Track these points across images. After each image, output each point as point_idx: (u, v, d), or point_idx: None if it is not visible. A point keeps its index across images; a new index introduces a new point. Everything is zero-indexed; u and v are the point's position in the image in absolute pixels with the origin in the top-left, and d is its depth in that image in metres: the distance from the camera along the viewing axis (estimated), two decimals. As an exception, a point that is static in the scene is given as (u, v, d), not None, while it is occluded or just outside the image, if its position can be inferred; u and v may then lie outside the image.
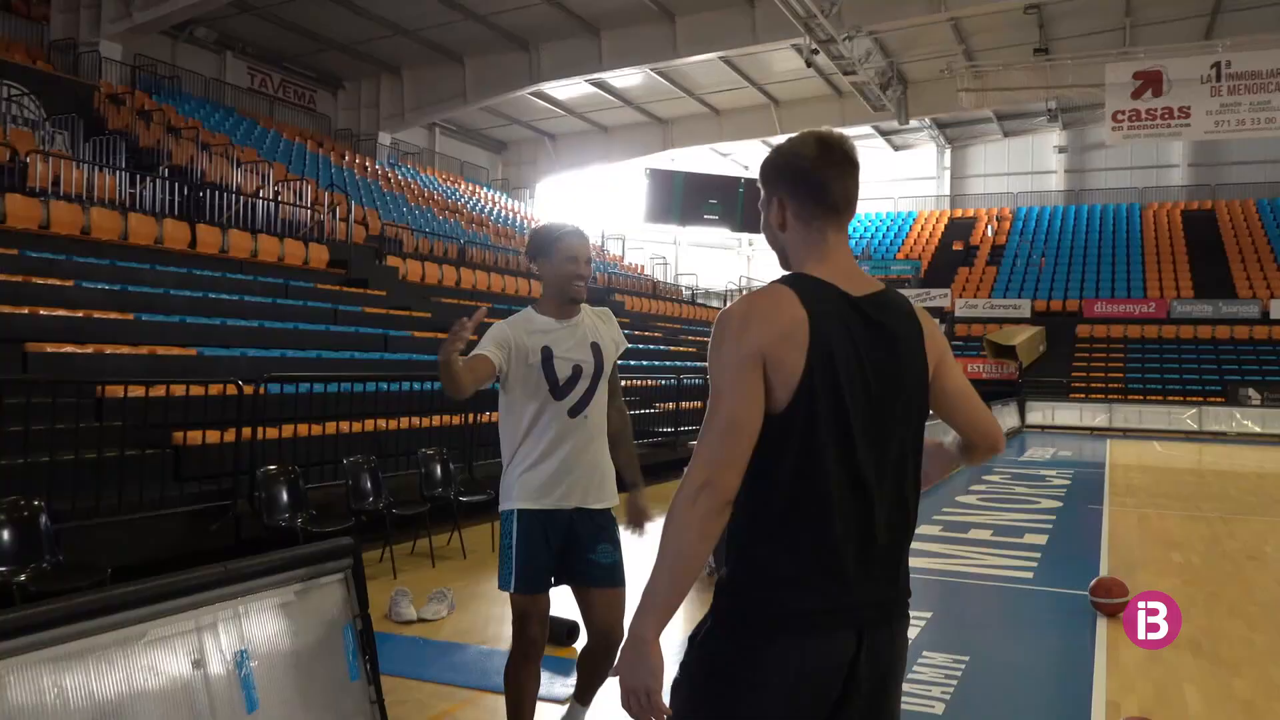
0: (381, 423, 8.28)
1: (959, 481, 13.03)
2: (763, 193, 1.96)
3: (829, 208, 1.88)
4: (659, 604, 1.73)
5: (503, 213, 28.90)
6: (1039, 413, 25.11)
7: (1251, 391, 25.54)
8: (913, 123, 33.86)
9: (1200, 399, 25.72)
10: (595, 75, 27.70)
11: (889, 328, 1.86)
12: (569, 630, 5.13)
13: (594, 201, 38.79)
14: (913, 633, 5.50)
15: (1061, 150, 39.40)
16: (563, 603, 3.66)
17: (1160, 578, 7.21)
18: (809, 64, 25.60)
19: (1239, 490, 13.34)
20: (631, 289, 25.42)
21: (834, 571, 1.76)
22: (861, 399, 1.78)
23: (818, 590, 1.75)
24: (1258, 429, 23.52)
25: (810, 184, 1.88)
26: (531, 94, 29.70)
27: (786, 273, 1.91)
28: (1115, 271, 33.99)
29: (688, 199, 32.59)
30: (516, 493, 3.28)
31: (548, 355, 3.27)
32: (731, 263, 43.03)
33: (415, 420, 8.73)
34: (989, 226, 38.48)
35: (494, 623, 5.77)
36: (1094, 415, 24.81)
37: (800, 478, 1.75)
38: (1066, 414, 25.15)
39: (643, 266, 32.92)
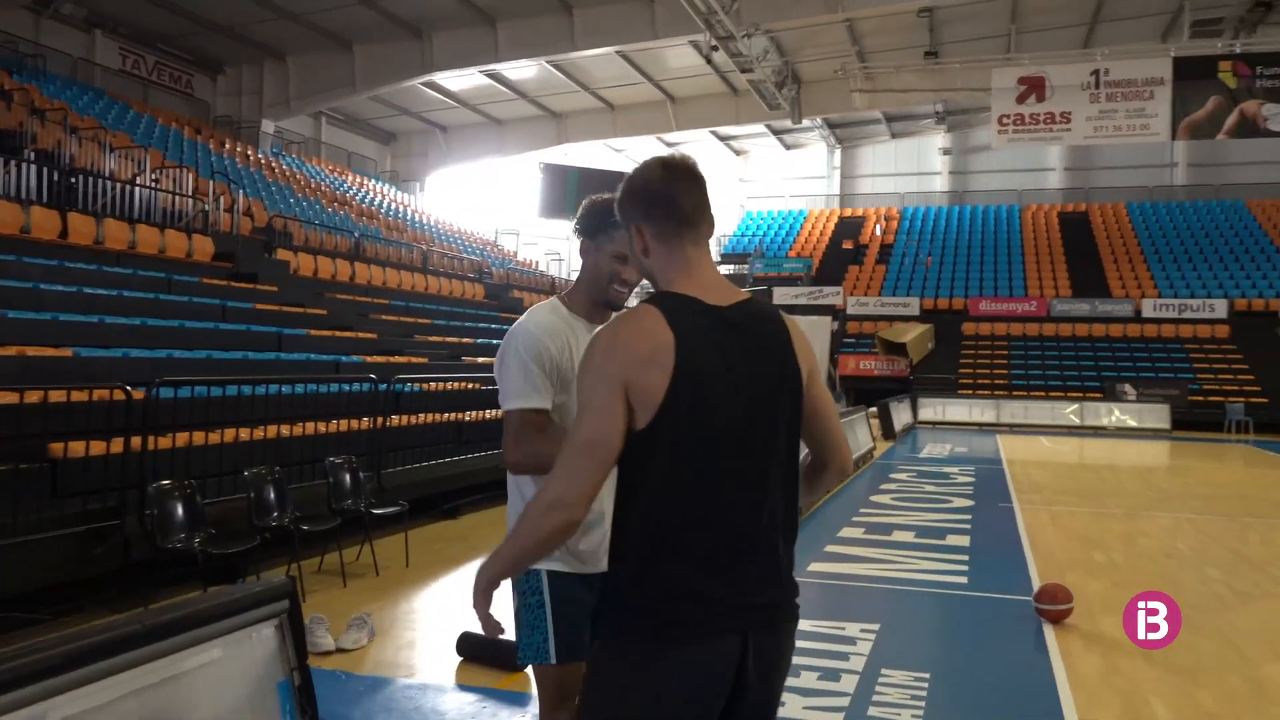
0: (285, 429, 7.66)
1: (870, 481, 13.03)
2: (624, 224, 2.03)
3: (683, 222, 1.94)
4: (495, 573, 1.92)
5: (393, 206, 27.96)
6: (930, 409, 25.60)
7: (1127, 387, 26.61)
8: (805, 122, 34.24)
9: (1080, 395, 26.67)
10: (490, 66, 27.06)
11: (758, 334, 1.93)
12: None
13: (487, 195, 38.09)
14: (865, 647, 5.32)
15: (946, 152, 40.51)
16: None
17: (1090, 579, 7.19)
18: (708, 60, 25.58)
19: (1134, 485, 13.71)
20: (530, 285, 24.88)
21: (716, 578, 1.83)
22: (732, 410, 1.85)
23: (702, 597, 1.81)
24: (1134, 424, 24.47)
25: (661, 202, 1.94)
26: (423, 84, 28.89)
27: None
28: (997, 271, 35.07)
29: (581, 194, 31.96)
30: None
31: None
32: (625, 259, 42.79)
33: (319, 426, 8.12)
34: (877, 226, 39.25)
35: (417, 651, 5.31)
36: (983, 411, 25.42)
37: (670, 491, 1.83)
38: (956, 410, 25.71)
39: (537, 262, 32.40)
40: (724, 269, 37.08)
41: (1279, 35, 25.76)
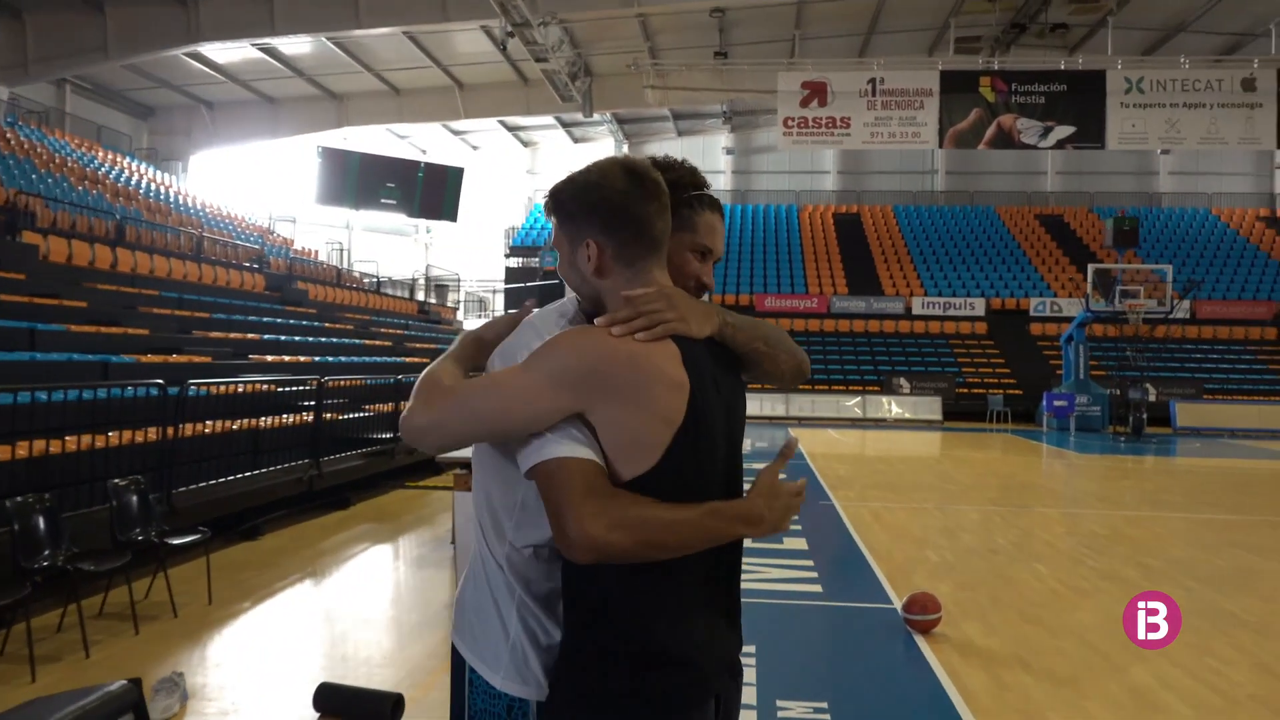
0: (55, 444, 6.44)
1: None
2: (560, 231, 1.74)
3: (653, 245, 1.70)
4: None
5: (153, 186, 25.44)
6: (723, 403, 26.03)
7: (902, 381, 28.08)
8: (595, 116, 34.07)
9: (861, 388, 27.90)
10: (265, 40, 25.14)
11: (733, 368, 1.80)
12: (394, 704, 4.03)
13: (258, 179, 35.58)
14: (750, 675, 4.93)
15: (729, 152, 41.53)
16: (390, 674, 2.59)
17: (934, 581, 7.15)
18: (503, 47, 24.83)
19: (930, 478, 14.23)
20: (314, 276, 23.27)
21: (705, 639, 1.66)
22: (722, 452, 1.70)
23: (695, 663, 1.62)
24: (910, 415, 25.86)
25: (631, 222, 1.67)
26: (187, 54, 26.51)
27: None
28: (780, 269, 36.23)
29: (364, 181, 30.80)
30: (546, 666, 1.71)
31: None
32: (409, 250, 41.28)
33: (95, 439, 6.92)
34: (665, 222, 39.66)
35: (246, 717, 4.46)
36: (773, 405, 26.10)
37: None
38: (749, 404, 26.26)
39: (317, 251, 30.53)
40: (513, 262, 36.47)
41: (1032, 55, 27.93)
